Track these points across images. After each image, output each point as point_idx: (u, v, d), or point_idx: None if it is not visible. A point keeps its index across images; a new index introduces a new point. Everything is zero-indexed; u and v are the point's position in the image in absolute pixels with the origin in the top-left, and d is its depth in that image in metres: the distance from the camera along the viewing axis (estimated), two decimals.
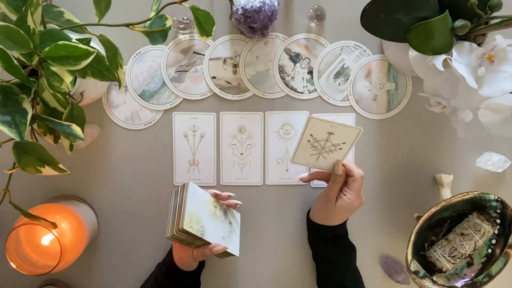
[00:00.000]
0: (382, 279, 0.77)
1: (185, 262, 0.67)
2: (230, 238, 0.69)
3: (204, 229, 0.64)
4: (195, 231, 0.62)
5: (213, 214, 0.67)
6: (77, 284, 0.76)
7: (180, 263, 0.67)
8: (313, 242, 0.73)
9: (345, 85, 0.74)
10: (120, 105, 0.73)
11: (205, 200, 0.67)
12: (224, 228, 0.68)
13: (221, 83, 0.73)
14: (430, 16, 0.56)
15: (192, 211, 0.63)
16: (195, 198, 0.65)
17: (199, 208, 0.65)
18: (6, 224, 0.72)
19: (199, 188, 0.67)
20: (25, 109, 0.46)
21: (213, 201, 0.68)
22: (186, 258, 0.66)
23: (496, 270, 0.66)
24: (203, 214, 0.65)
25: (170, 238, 0.63)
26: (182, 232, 0.61)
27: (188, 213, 0.62)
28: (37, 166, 0.51)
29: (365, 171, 0.75)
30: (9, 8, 0.48)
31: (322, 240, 0.70)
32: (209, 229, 0.64)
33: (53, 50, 0.45)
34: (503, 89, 0.55)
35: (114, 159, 0.74)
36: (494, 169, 0.74)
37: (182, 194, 0.64)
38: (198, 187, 0.67)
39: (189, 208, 0.63)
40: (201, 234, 0.63)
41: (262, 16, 0.65)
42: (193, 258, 0.66)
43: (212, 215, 0.67)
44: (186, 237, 0.63)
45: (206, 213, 0.66)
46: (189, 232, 0.61)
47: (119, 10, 0.69)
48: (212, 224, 0.66)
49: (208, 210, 0.67)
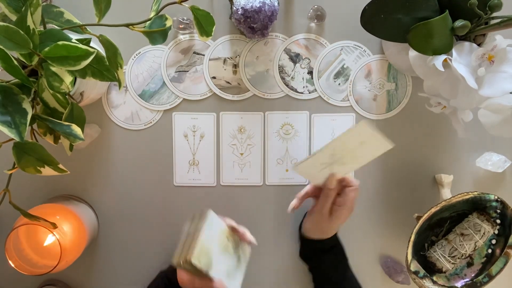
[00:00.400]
0: (382, 279, 0.77)
1: (186, 284, 0.65)
2: (234, 276, 0.66)
3: (211, 263, 0.61)
4: (202, 265, 0.60)
5: (224, 247, 0.65)
6: (77, 284, 0.76)
7: (181, 282, 0.65)
8: (308, 256, 0.72)
9: (345, 85, 0.74)
10: (120, 105, 0.73)
11: (220, 231, 0.65)
12: (231, 264, 0.66)
13: (221, 83, 0.73)
14: (430, 16, 0.56)
15: (204, 243, 0.61)
16: (211, 228, 0.63)
17: (212, 239, 0.63)
18: (6, 224, 0.72)
19: (217, 218, 0.65)
20: (25, 109, 0.46)
21: (227, 233, 0.66)
22: (188, 282, 0.64)
23: (496, 270, 0.66)
24: (214, 246, 0.63)
25: (176, 266, 0.61)
26: (188, 264, 0.59)
27: (200, 245, 0.60)
28: (37, 166, 0.51)
29: (365, 171, 0.75)
30: (9, 8, 0.48)
31: (320, 252, 0.70)
32: (215, 263, 0.62)
33: (53, 50, 0.45)
34: (503, 89, 0.55)
35: (114, 159, 0.74)
36: (494, 169, 0.74)
37: (199, 222, 0.63)
38: (217, 216, 0.65)
39: (202, 239, 0.61)
40: (207, 269, 0.61)
41: (262, 16, 0.65)
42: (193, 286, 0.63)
43: (223, 247, 0.65)
44: (191, 267, 0.61)
45: (217, 245, 0.64)
46: (195, 265, 0.59)
47: (119, 10, 0.69)
48: (220, 258, 0.64)
49: (220, 241, 0.64)
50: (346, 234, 0.76)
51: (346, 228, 0.76)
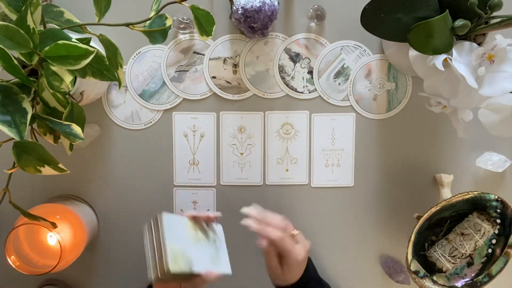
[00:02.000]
0: (382, 279, 0.77)
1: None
2: (218, 259, 0.64)
3: (191, 261, 0.58)
4: (183, 267, 0.57)
5: (195, 238, 0.62)
6: (77, 284, 0.76)
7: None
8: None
9: (345, 85, 0.74)
10: (120, 105, 0.73)
11: (184, 228, 0.62)
12: (210, 249, 0.64)
13: (221, 83, 0.73)
14: (430, 16, 0.56)
15: (173, 247, 0.57)
16: (172, 230, 0.59)
17: (179, 239, 0.59)
18: (6, 224, 0.72)
19: (174, 216, 0.61)
20: (25, 109, 0.46)
21: (191, 225, 0.63)
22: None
23: (496, 270, 0.66)
24: (185, 244, 0.60)
25: (154, 281, 0.58)
26: (169, 274, 0.56)
27: (170, 250, 0.56)
28: (37, 166, 0.51)
29: (365, 171, 0.75)
30: (9, 8, 0.48)
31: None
32: (195, 258, 0.59)
33: (53, 50, 0.45)
34: (503, 88, 0.55)
35: (114, 159, 0.74)
36: (494, 169, 0.74)
37: (158, 231, 0.58)
38: (173, 215, 0.61)
39: (169, 244, 0.56)
40: (189, 268, 0.57)
41: (262, 16, 0.65)
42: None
43: (194, 240, 0.62)
44: (171, 276, 0.57)
45: (188, 241, 0.60)
46: (177, 272, 0.56)
47: (119, 10, 0.69)
48: (197, 251, 0.61)
49: (189, 236, 0.61)
50: (346, 234, 0.76)
51: (346, 228, 0.76)
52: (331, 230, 0.76)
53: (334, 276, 0.77)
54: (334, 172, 0.75)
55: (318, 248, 0.76)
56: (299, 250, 0.62)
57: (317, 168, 0.75)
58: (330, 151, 0.75)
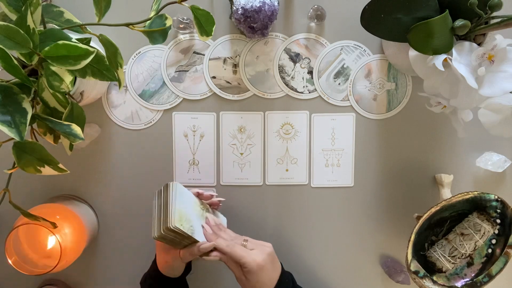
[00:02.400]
0: (382, 279, 0.77)
1: (171, 266, 0.64)
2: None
3: (194, 229, 0.61)
4: (186, 229, 0.60)
5: (201, 215, 0.65)
6: (77, 284, 0.76)
7: (166, 269, 0.64)
8: None
9: (345, 85, 0.74)
10: (120, 105, 0.73)
11: (193, 201, 0.65)
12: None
13: (221, 83, 0.73)
14: (430, 16, 0.56)
15: (181, 210, 0.61)
16: (182, 197, 0.63)
17: (187, 208, 0.63)
18: (6, 224, 0.72)
19: (186, 189, 0.65)
20: (25, 109, 0.46)
21: (200, 203, 0.66)
22: (173, 261, 0.63)
23: (496, 270, 0.66)
24: (191, 213, 0.63)
25: (157, 238, 0.60)
26: (170, 231, 0.59)
27: (177, 211, 0.60)
28: (37, 166, 0.50)
29: (365, 171, 0.75)
30: (9, 8, 0.48)
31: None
32: (198, 229, 0.62)
33: (53, 50, 0.45)
34: (503, 89, 0.55)
35: (114, 159, 0.74)
36: (494, 169, 0.74)
37: (168, 193, 0.62)
38: (184, 188, 0.65)
39: (178, 207, 0.61)
40: (191, 233, 0.60)
41: (262, 16, 0.65)
42: (181, 258, 0.63)
43: (200, 216, 0.65)
44: (174, 236, 0.60)
45: (194, 214, 0.64)
46: (179, 230, 0.59)
47: (119, 10, 0.69)
48: (200, 225, 0.64)
49: (196, 211, 0.65)
50: (346, 234, 0.76)
51: (346, 228, 0.76)
52: (331, 230, 0.76)
53: (334, 276, 0.77)
54: (334, 172, 0.75)
55: (318, 248, 0.76)
56: (254, 255, 0.61)
57: (317, 168, 0.75)
58: (330, 151, 0.75)
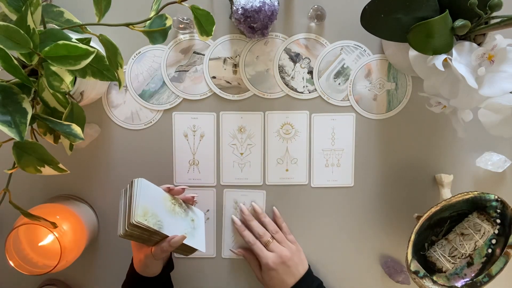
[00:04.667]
0: (382, 279, 0.77)
1: (145, 264, 0.62)
2: (193, 234, 0.64)
3: (162, 224, 0.59)
4: (151, 224, 0.58)
5: (172, 210, 0.63)
6: (77, 284, 0.76)
7: (141, 268, 0.63)
8: None
9: (345, 85, 0.74)
10: (120, 105, 0.73)
11: (161, 197, 0.63)
12: (186, 225, 0.64)
13: (221, 83, 0.73)
14: (430, 16, 0.56)
15: (145, 205, 0.59)
16: (147, 193, 0.61)
17: (153, 203, 0.61)
18: (6, 224, 0.72)
19: (153, 185, 0.63)
20: (25, 109, 0.46)
21: (170, 198, 0.65)
22: (145, 258, 0.62)
23: (496, 270, 0.66)
24: (159, 209, 0.61)
25: (123, 236, 0.58)
26: (135, 227, 0.57)
27: (141, 207, 0.58)
28: (37, 166, 0.50)
29: (365, 171, 0.75)
30: (9, 8, 0.48)
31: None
32: (167, 224, 0.60)
33: (53, 50, 0.45)
34: (503, 89, 0.55)
35: (114, 159, 0.74)
36: (494, 169, 0.74)
37: (131, 190, 0.60)
38: (151, 183, 0.63)
39: (142, 203, 0.59)
40: (158, 227, 0.58)
41: (262, 16, 0.65)
42: (153, 255, 0.61)
43: (170, 211, 0.63)
44: (140, 233, 0.58)
45: (163, 209, 0.62)
46: (144, 225, 0.57)
47: (119, 10, 0.69)
48: (171, 220, 0.62)
49: (165, 206, 0.62)
50: (346, 234, 0.76)
51: (346, 228, 0.76)
52: (331, 230, 0.76)
53: (334, 276, 0.77)
54: (334, 172, 0.75)
55: (318, 248, 0.76)
56: (268, 258, 0.61)
57: (317, 168, 0.75)
58: (330, 151, 0.75)
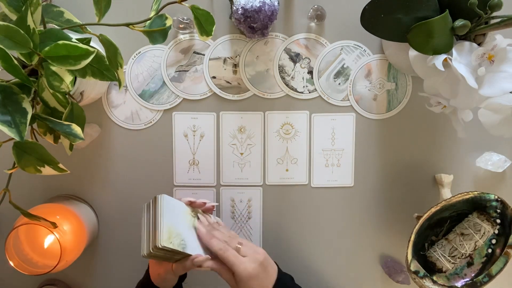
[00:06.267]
0: (382, 279, 0.77)
1: (164, 278, 0.62)
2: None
3: (185, 243, 0.59)
4: (176, 246, 0.58)
5: (192, 224, 0.63)
6: (77, 284, 0.76)
7: (158, 281, 0.63)
8: None
9: (345, 85, 0.74)
10: (120, 105, 0.73)
11: (182, 211, 0.63)
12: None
13: (221, 83, 0.73)
14: (430, 16, 0.56)
15: (169, 225, 0.59)
16: (171, 210, 0.61)
17: (176, 220, 0.61)
18: (6, 224, 0.72)
19: (174, 199, 0.63)
20: (25, 109, 0.46)
21: (190, 211, 0.64)
22: (165, 274, 0.62)
23: (496, 270, 0.66)
24: (181, 226, 0.61)
25: (146, 256, 0.58)
26: (160, 250, 0.57)
27: (166, 227, 0.58)
28: (37, 166, 0.50)
29: (365, 171, 0.75)
30: (9, 8, 0.48)
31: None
32: (189, 242, 0.60)
33: (53, 50, 0.45)
34: (503, 89, 0.55)
35: (114, 159, 0.74)
36: (494, 169, 0.74)
37: (156, 208, 0.60)
38: (173, 198, 0.63)
39: (166, 222, 0.58)
40: (182, 248, 0.58)
41: (262, 16, 0.65)
42: (174, 272, 0.61)
43: (191, 226, 0.63)
44: (164, 254, 0.58)
45: (184, 225, 0.61)
46: (169, 248, 0.57)
47: (119, 10, 0.69)
48: (192, 236, 0.62)
49: (186, 221, 0.62)
50: (346, 234, 0.76)
51: (346, 228, 0.76)
52: (331, 230, 0.76)
53: (334, 276, 0.77)
54: (334, 172, 0.75)
55: (318, 248, 0.76)
56: (245, 264, 0.58)
57: (317, 168, 0.75)
58: (330, 151, 0.75)
